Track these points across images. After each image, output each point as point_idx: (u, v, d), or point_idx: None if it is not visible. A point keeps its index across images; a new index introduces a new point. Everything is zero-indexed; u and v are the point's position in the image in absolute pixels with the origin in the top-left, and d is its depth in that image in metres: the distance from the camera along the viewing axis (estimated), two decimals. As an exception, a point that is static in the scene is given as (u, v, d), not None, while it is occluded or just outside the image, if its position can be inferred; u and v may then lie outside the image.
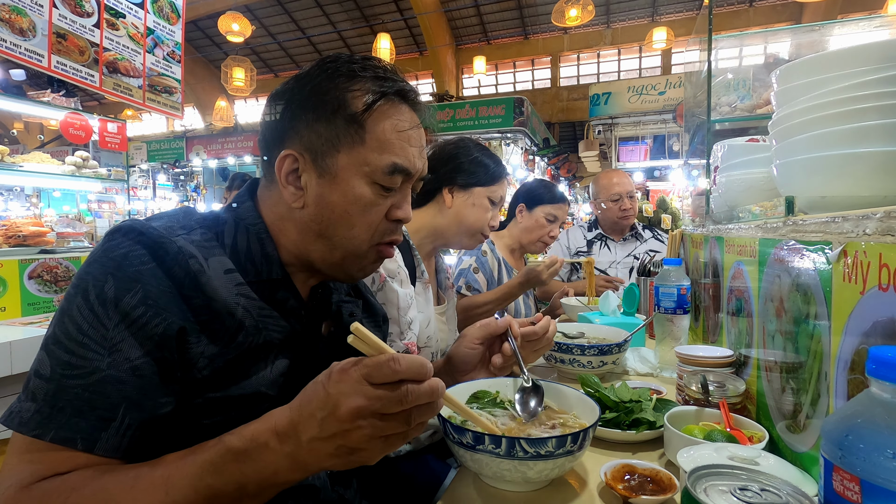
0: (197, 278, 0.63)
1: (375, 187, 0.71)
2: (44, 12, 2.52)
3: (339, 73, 0.71)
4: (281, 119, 0.72)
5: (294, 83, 0.73)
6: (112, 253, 0.61)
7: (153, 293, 0.60)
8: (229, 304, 0.65)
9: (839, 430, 0.39)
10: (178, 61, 3.35)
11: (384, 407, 0.50)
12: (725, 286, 1.18)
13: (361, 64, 0.72)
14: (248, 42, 11.01)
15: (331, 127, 0.69)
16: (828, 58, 0.76)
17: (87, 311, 0.58)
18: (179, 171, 10.48)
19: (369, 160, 0.70)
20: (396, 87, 0.72)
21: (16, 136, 9.84)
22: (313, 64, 0.73)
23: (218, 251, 0.68)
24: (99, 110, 5.87)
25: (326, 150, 0.69)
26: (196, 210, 0.75)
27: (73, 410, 0.56)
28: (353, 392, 0.50)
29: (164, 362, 0.60)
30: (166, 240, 0.63)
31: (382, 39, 7.59)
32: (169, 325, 0.60)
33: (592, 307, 1.94)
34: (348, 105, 0.69)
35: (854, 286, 0.55)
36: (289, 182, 0.71)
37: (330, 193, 0.70)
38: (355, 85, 0.70)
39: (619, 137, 7.53)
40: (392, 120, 0.71)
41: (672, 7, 11.75)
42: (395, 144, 0.71)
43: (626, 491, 0.70)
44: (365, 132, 0.69)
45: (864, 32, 1.81)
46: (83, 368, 0.57)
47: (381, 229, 0.74)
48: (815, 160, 0.74)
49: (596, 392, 0.99)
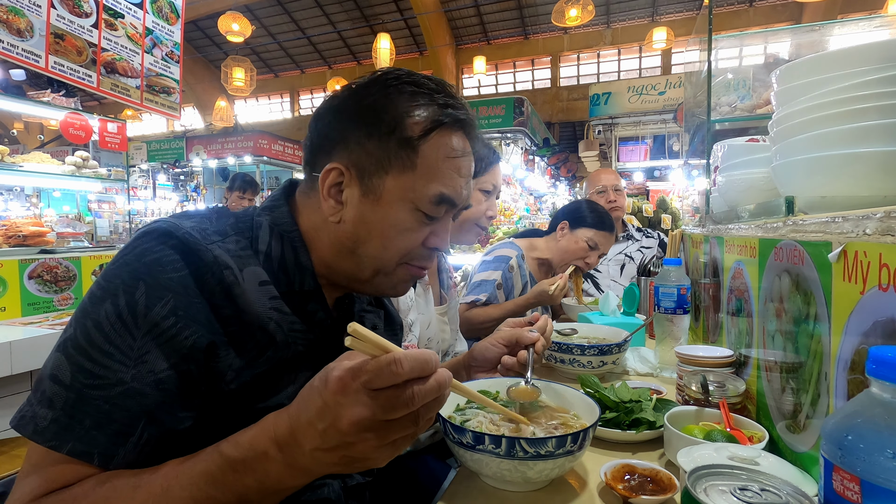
0: (230, 290, 0.61)
1: (418, 214, 0.68)
2: (42, 13, 2.52)
3: (399, 92, 0.68)
4: (332, 129, 0.69)
5: (350, 94, 0.70)
6: (145, 257, 0.59)
7: (184, 303, 0.58)
8: (262, 317, 0.63)
9: (839, 430, 0.39)
10: (176, 62, 3.35)
11: (389, 413, 0.46)
12: (725, 286, 1.18)
13: (424, 85, 0.69)
14: (248, 42, 11.01)
15: (383, 147, 0.66)
16: (828, 58, 0.76)
17: (115, 317, 0.56)
18: (179, 171, 10.48)
19: (417, 187, 0.67)
20: (456, 116, 0.69)
21: (16, 136, 9.84)
22: (372, 76, 0.70)
23: (252, 261, 0.66)
24: (99, 110, 5.87)
25: (374, 171, 0.67)
26: (227, 211, 0.73)
27: (91, 423, 0.54)
28: (354, 403, 0.46)
29: (188, 376, 0.58)
30: (202, 247, 0.61)
31: (382, 39, 7.59)
32: (199, 338, 0.58)
33: (592, 307, 1.94)
34: (405, 128, 0.66)
35: (854, 286, 0.55)
36: (330, 195, 0.68)
37: (371, 214, 0.67)
38: (415, 108, 0.67)
39: (619, 137, 7.53)
40: (446, 149, 0.68)
41: (672, 7, 11.75)
42: (445, 174, 0.68)
43: (626, 491, 0.70)
44: (417, 158, 0.67)
45: (864, 32, 1.81)
46: (106, 379, 0.55)
47: (415, 254, 0.72)
48: (815, 160, 0.74)
49: (596, 392, 0.99)
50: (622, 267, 2.64)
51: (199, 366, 0.58)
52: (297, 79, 15.73)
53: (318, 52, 14.63)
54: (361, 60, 14.44)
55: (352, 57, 14.63)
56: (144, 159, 10.42)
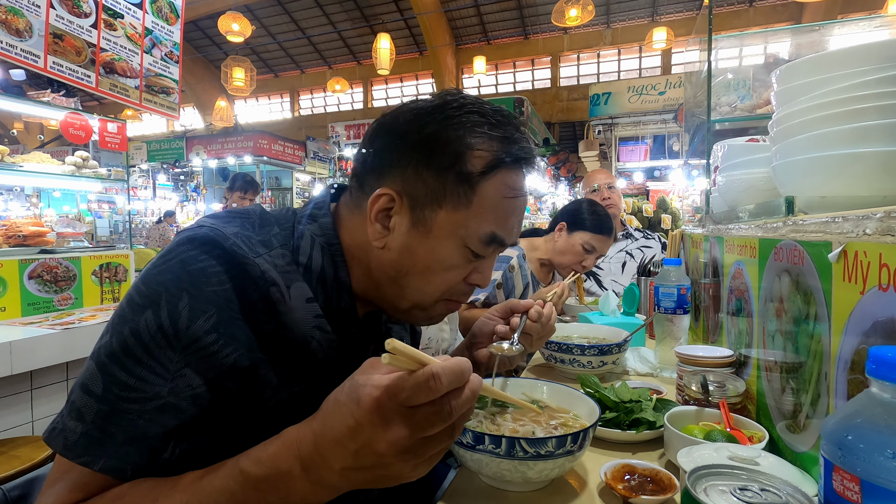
0: (274, 307, 0.60)
1: (465, 251, 0.66)
2: (41, 13, 2.52)
3: (464, 124, 0.64)
4: (388, 151, 0.66)
5: (412, 119, 0.66)
6: (189, 266, 0.57)
7: (226, 319, 0.56)
8: (305, 336, 0.62)
9: (839, 430, 0.39)
10: (175, 62, 3.35)
11: (427, 430, 0.44)
12: (725, 286, 1.18)
13: (489, 117, 0.66)
14: (248, 42, 11.01)
15: (440, 180, 0.63)
16: (828, 58, 0.76)
17: (156, 329, 0.54)
18: (179, 171, 10.49)
19: (469, 225, 0.64)
20: (521, 155, 0.67)
21: (16, 136, 9.85)
22: (436, 100, 0.67)
23: (297, 276, 0.64)
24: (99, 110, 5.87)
25: (428, 202, 0.64)
26: (268, 214, 0.70)
27: (125, 437, 0.52)
28: (392, 423, 0.44)
29: (225, 393, 0.56)
30: (249, 261, 0.59)
31: (382, 39, 7.60)
32: (239, 356, 0.56)
33: (592, 307, 1.94)
34: (466, 163, 0.63)
35: (854, 286, 0.55)
36: (377, 219, 0.65)
37: (418, 246, 0.65)
38: (480, 144, 0.64)
39: (619, 137, 7.53)
40: (505, 189, 0.65)
41: (672, 7, 11.76)
42: (500, 214, 0.66)
43: (626, 491, 0.70)
44: (474, 195, 0.64)
45: (864, 32, 1.81)
46: (142, 392, 0.53)
47: (455, 290, 0.70)
48: (815, 160, 0.74)
49: (596, 392, 0.99)
50: (623, 265, 2.65)
51: (236, 383, 0.57)
52: (297, 79, 15.73)
53: (318, 52, 14.64)
54: (361, 60, 14.45)
55: (352, 57, 14.63)
56: (144, 159, 10.43)
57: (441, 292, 0.69)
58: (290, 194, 11.06)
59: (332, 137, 10.16)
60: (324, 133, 11.50)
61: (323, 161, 11.20)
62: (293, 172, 11.05)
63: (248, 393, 0.58)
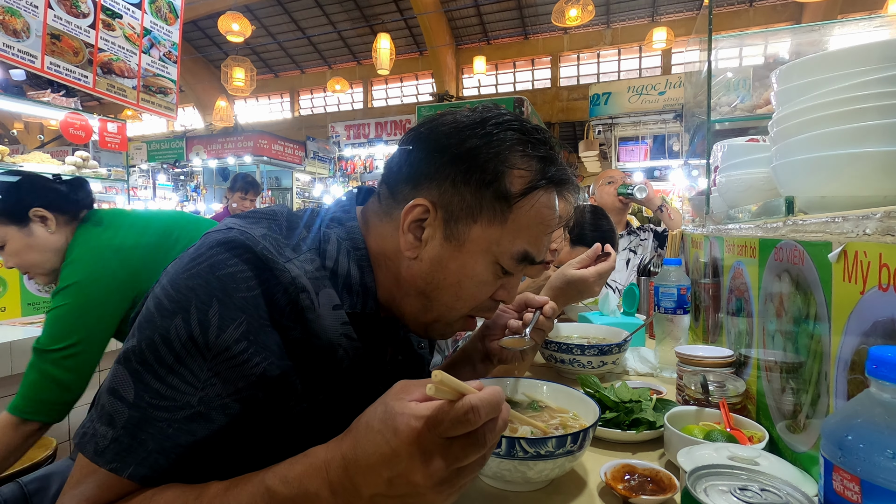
0: (303, 313, 0.59)
1: (496, 268, 0.66)
2: (38, 13, 2.52)
3: (504, 143, 0.64)
4: (425, 162, 0.65)
5: (452, 132, 0.65)
6: (218, 271, 0.56)
7: (255, 327, 0.56)
8: (333, 343, 0.62)
9: (839, 430, 0.39)
10: (174, 62, 3.34)
11: (463, 460, 0.44)
12: (725, 286, 1.18)
13: (532, 140, 0.66)
14: (248, 42, 11.01)
15: (478, 196, 0.63)
16: (828, 58, 0.76)
17: (187, 337, 0.53)
18: (179, 171, 10.49)
19: (502, 242, 0.65)
20: (559, 177, 0.67)
21: (16, 136, 9.85)
22: (478, 116, 0.66)
23: (326, 282, 0.63)
24: (99, 110, 5.86)
25: (463, 217, 0.64)
26: (295, 215, 0.69)
27: (155, 446, 0.52)
28: (431, 455, 0.43)
29: (254, 401, 0.56)
30: (279, 267, 0.58)
31: (382, 39, 7.60)
32: (269, 365, 0.56)
33: (592, 307, 1.94)
34: (504, 181, 0.63)
35: (854, 286, 0.55)
36: (410, 230, 0.65)
37: (450, 260, 0.65)
38: (520, 163, 0.64)
39: (619, 137, 7.52)
40: (540, 209, 0.66)
41: (672, 7, 11.75)
42: (534, 233, 0.66)
43: (626, 491, 0.70)
44: (510, 213, 0.64)
45: (864, 32, 1.81)
46: (173, 401, 0.53)
47: (482, 306, 0.70)
48: (815, 160, 0.74)
49: (596, 392, 0.99)
50: (627, 262, 2.66)
51: (266, 392, 0.57)
52: (297, 79, 15.73)
53: (318, 52, 14.63)
54: (361, 60, 14.44)
55: (352, 57, 14.63)
56: (144, 159, 10.43)
57: (469, 308, 0.69)
58: (290, 194, 11.06)
59: (332, 137, 10.16)
60: (324, 133, 11.50)
61: (323, 161, 11.21)
62: (293, 172, 11.05)
63: (275, 402, 0.58)
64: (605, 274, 1.22)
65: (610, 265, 1.23)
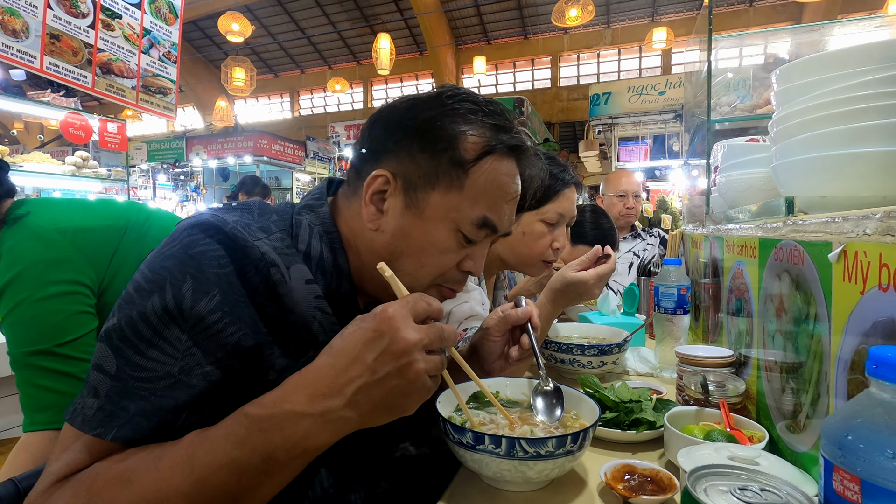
0: (275, 288, 0.61)
1: (457, 235, 0.68)
2: (38, 13, 2.52)
3: (458, 112, 0.68)
4: (384, 137, 0.69)
5: (409, 107, 0.70)
6: (191, 250, 0.58)
7: (229, 300, 0.58)
8: (307, 317, 0.63)
9: (839, 430, 0.39)
10: (173, 62, 3.34)
11: (430, 343, 0.53)
12: (725, 286, 1.18)
13: (484, 109, 0.69)
14: (248, 42, 11.02)
15: (434, 163, 0.66)
16: (828, 58, 0.76)
17: (162, 311, 0.56)
18: (179, 171, 10.48)
19: (461, 208, 0.67)
20: (513, 143, 0.69)
21: (16, 136, 9.85)
22: (434, 92, 0.71)
23: (297, 259, 0.66)
24: (99, 110, 5.87)
25: (422, 184, 0.67)
26: (267, 205, 0.73)
27: (137, 409, 0.54)
28: (407, 327, 0.52)
29: (232, 371, 0.58)
30: (249, 244, 0.61)
31: (382, 39, 7.60)
32: (243, 336, 0.58)
33: (592, 307, 1.94)
34: (459, 148, 0.66)
35: (854, 286, 0.55)
36: (372, 201, 0.68)
37: (411, 227, 0.67)
38: (473, 130, 0.67)
39: (619, 137, 7.52)
40: (497, 175, 0.68)
41: (672, 7, 11.76)
42: (492, 199, 0.69)
43: (626, 491, 0.70)
44: (466, 179, 0.67)
45: (864, 32, 1.81)
46: (153, 371, 0.55)
47: (449, 277, 0.72)
48: (815, 160, 0.74)
49: (596, 392, 0.99)
50: (630, 266, 2.64)
51: (242, 363, 0.59)
52: (297, 79, 15.73)
53: (318, 52, 14.63)
54: (361, 60, 14.45)
55: (352, 57, 14.63)
56: (144, 159, 10.43)
57: (433, 276, 0.70)
58: (291, 194, 11.06)
59: (332, 137, 10.16)
60: (324, 133, 11.50)
61: (323, 161, 11.21)
62: (293, 172, 11.05)
63: (253, 373, 0.60)
64: (604, 276, 1.22)
65: (610, 267, 1.22)
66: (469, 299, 1.18)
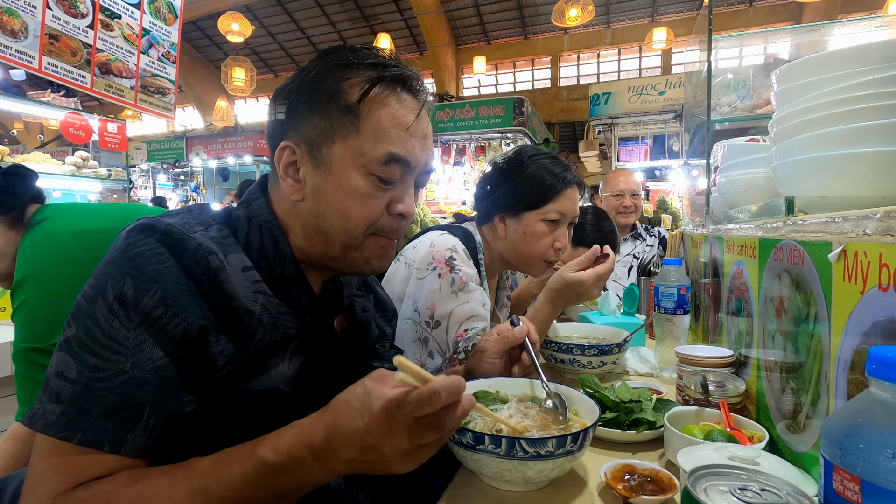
0: (216, 275, 0.63)
1: (372, 178, 0.69)
2: (37, 13, 2.52)
3: (334, 62, 0.70)
4: (280, 112, 0.71)
5: (295, 76, 0.72)
6: (130, 252, 0.61)
7: (172, 292, 0.59)
8: (247, 301, 0.65)
9: (839, 430, 0.39)
10: (173, 62, 3.34)
11: (423, 438, 0.53)
12: (725, 286, 1.18)
13: (358, 53, 0.71)
14: (248, 42, 11.01)
15: (325, 117, 0.68)
16: (827, 58, 0.76)
17: (108, 313, 0.58)
18: (179, 171, 10.47)
19: (364, 150, 0.68)
20: (393, 73, 0.70)
21: (16, 136, 9.84)
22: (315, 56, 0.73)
23: (235, 248, 0.68)
24: (99, 110, 5.87)
25: (321, 141, 0.68)
26: (211, 206, 0.75)
27: (99, 412, 0.56)
28: (398, 432, 0.52)
29: (185, 362, 0.60)
30: (185, 237, 0.62)
31: (382, 39, 7.61)
32: (189, 324, 0.60)
33: (592, 307, 1.94)
34: (343, 94, 0.68)
35: (854, 286, 0.55)
36: (288, 174, 0.70)
37: (325, 185, 0.69)
38: (350, 73, 0.69)
39: (619, 137, 7.52)
40: (389, 108, 0.69)
41: (672, 7, 11.75)
42: (392, 133, 0.69)
43: (626, 491, 0.70)
44: (360, 121, 0.67)
45: (864, 32, 1.81)
46: (108, 371, 0.57)
47: (381, 224, 0.72)
48: (815, 160, 0.74)
49: (596, 392, 0.99)
50: (629, 269, 2.62)
51: (193, 352, 0.60)
52: (297, 79, 15.71)
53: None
54: (361, 60, 14.42)
55: (352, 57, 14.61)
56: (144, 159, 10.41)
57: (364, 226, 0.71)
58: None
59: (332, 137, 10.13)
60: (324, 133, 11.47)
61: (323, 161, 11.18)
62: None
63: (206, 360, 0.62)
64: (603, 276, 1.22)
65: (608, 267, 1.22)
66: (470, 300, 1.18)
